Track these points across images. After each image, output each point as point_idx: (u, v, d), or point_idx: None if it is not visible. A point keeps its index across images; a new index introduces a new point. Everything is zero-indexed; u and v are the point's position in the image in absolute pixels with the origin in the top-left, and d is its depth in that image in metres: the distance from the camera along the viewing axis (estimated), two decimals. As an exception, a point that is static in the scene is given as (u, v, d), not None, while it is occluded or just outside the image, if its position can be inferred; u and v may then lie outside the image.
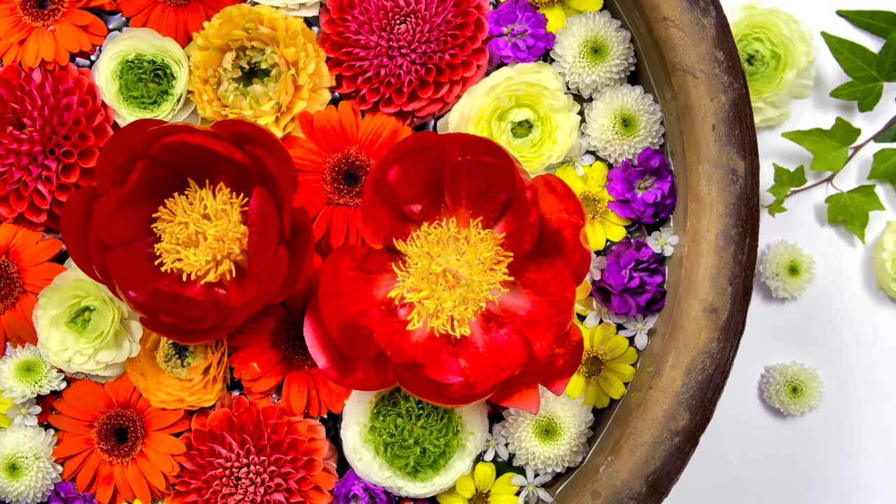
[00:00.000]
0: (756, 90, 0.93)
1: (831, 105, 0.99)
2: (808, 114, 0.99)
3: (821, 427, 0.98)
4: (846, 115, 0.98)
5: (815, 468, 0.98)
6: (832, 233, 0.99)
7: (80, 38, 0.79)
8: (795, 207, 0.99)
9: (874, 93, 0.96)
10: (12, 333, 0.79)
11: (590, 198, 0.79)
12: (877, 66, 0.95)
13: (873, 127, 0.98)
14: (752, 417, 0.98)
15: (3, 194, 0.77)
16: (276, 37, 0.77)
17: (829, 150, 0.96)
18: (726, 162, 0.71)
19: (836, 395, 0.98)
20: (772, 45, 0.92)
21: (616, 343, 0.79)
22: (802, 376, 0.96)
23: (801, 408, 0.96)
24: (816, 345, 0.98)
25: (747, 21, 0.93)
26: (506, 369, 0.72)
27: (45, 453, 0.78)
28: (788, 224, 0.99)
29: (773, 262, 0.97)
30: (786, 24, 0.92)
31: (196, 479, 0.77)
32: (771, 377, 0.97)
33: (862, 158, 0.99)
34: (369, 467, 0.76)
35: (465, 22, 0.78)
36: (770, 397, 0.97)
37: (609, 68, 0.78)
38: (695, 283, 0.72)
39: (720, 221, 0.71)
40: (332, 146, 0.77)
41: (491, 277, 0.72)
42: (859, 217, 0.97)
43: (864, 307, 0.99)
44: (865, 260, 0.99)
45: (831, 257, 0.99)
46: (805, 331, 0.99)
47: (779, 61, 0.92)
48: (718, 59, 0.72)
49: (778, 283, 0.97)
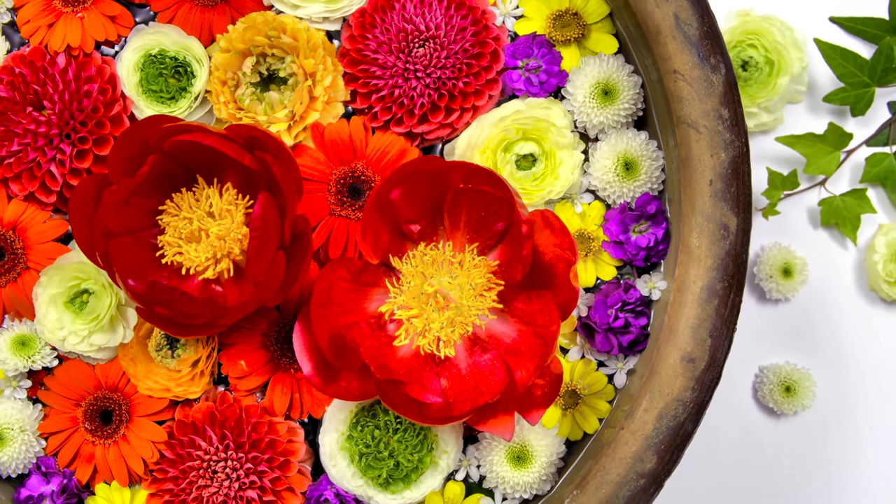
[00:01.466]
0: (750, 95, 0.95)
1: (824, 110, 1.01)
2: (802, 118, 1.01)
3: (813, 426, 1.00)
4: (839, 119, 1.00)
5: (807, 466, 1.00)
6: (825, 235, 1.01)
7: (107, 27, 0.81)
8: (789, 210, 1.01)
9: (866, 98, 0.97)
10: (11, 307, 0.81)
11: (585, 235, 0.81)
12: (868, 71, 0.97)
13: (865, 131, 1.00)
14: (746, 416, 1.00)
15: (17, 172, 0.79)
16: (297, 47, 0.78)
17: (821, 154, 0.97)
18: (719, 217, 0.73)
19: (829, 395, 1.00)
20: (766, 52, 0.94)
21: (595, 379, 0.80)
22: (796, 376, 0.98)
23: (795, 407, 0.98)
24: (809, 345, 1.00)
25: (742, 28, 0.95)
26: (485, 394, 0.74)
27: (31, 427, 0.80)
28: (782, 227, 1.00)
29: (767, 264, 0.98)
30: (779, 30, 0.94)
31: (174, 468, 0.79)
32: (765, 377, 0.99)
33: (854, 162, 1.01)
34: (343, 474, 0.78)
35: (482, 52, 0.80)
36: (764, 397, 0.99)
37: (617, 111, 0.80)
38: (676, 331, 0.74)
39: (707, 274, 0.73)
40: (340, 159, 0.79)
41: (480, 303, 0.74)
42: (851, 220, 0.99)
43: (857, 308, 1.01)
44: (857, 262, 1.01)
45: (824, 259, 1.01)
46: (798, 331, 1.00)
47: (772, 67, 0.94)
48: (723, 117, 0.73)
49: (771, 285, 0.98)
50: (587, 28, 0.81)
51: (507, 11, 0.81)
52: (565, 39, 0.81)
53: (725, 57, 0.75)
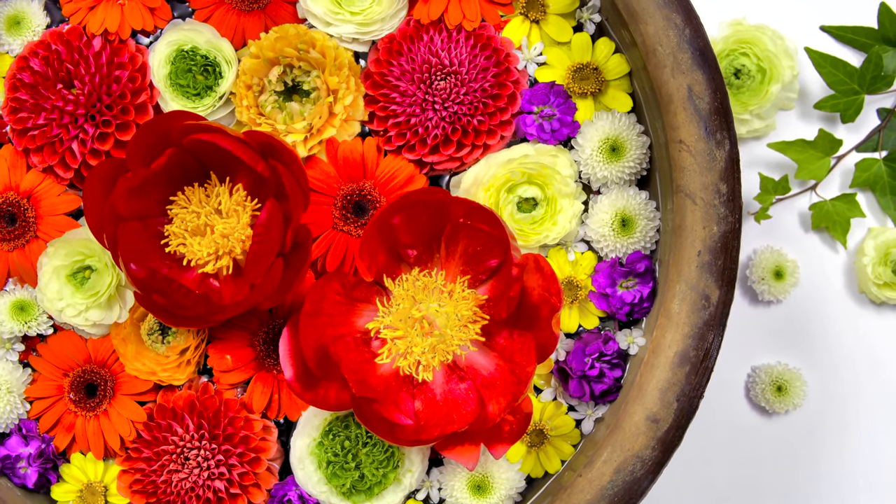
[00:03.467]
0: (742, 102, 0.97)
1: (815, 117, 1.03)
2: (793, 125, 1.03)
3: (804, 425, 1.02)
4: (829, 126, 1.02)
5: (798, 464, 1.02)
6: (816, 239, 1.03)
7: (145, 17, 0.83)
8: (780, 214, 1.03)
9: (855, 105, 1.00)
10: (15, 272, 0.83)
11: (574, 283, 0.83)
12: (858, 79, 0.99)
13: (855, 137, 1.03)
14: (738, 415, 1.03)
15: (39, 145, 0.81)
16: (324, 63, 0.81)
17: (812, 159, 1.00)
18: (702, 288, 0.76)
19: (820, 394, 1.03)
20: (758, 60, 0.97)
21: (564, 422, 0.83)
22: (787, 376, 1.00)
23: (786, 406, 1.00)
24: (800, 346, 1.03)
25: (735, 37, 0.98)
26: (456, 422, 0.76)
27: (18, 389, 0.83)
28: (774, 230, 1.03)
29: (759, 267, 1.01)
30: (771, 39, 0.97)
31: (148, 449, 0.81)
32: (757, 377, 1.02)
33: (844, 168, 1.03)
34: (309, 478, 0.81)
35: (500, 94, 0.82)
36: (756, 396, 1.01)
37: (622, 168, 0.83)
38: (645, 391, 0.76)
39: (682, 341, 0.76)
40: (349, 176, 0.82)
41: (464, 334, 0.77)
42: (841, 224, 1.01)
43: (847, 310, 1.03)
44: (847, 265, 1.03)
45: (815, 262, 1.03)
46: (789, 332, 1.03)
47: (764, 75, 0.97)
48: (721, 192, 0.76)
49: (763, 287, 1.01)
50: (605, 84, 0.84)
51: (531, 57, 0.84)
52: (582, 92, 0.83)
53: (732, 133, 0.77)
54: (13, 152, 0.83)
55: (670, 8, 0.77)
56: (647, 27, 0.77)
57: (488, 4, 0.83)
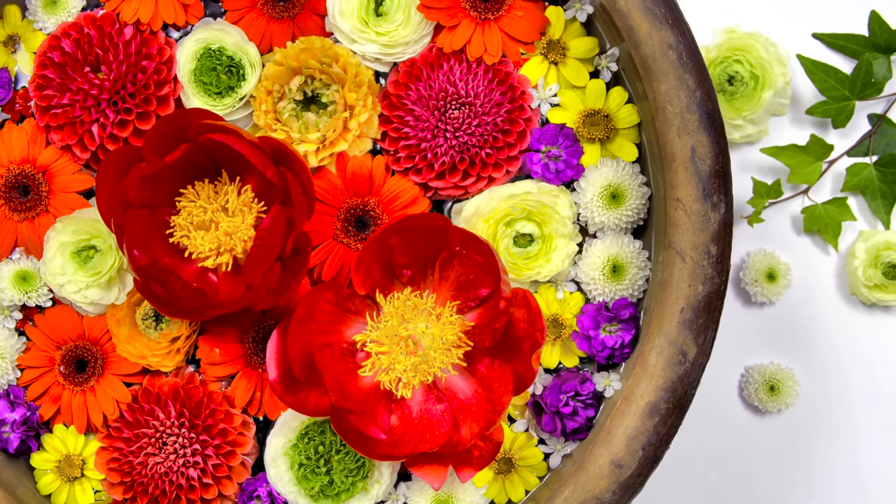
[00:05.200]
0: (736, 108, 1.00)
1: (807, 122, 1.06)
2: (785, 130, 1.06)
3: (796, 423, 1.05)
4: (820, 131, 1.05)
5: (790, 461, 1.05)
6: (808, 242, 1.06)
7: (177, 11, 0.86)
8: (773, 218, 1.05)
9: (846, 111, 1.02)
10: (23, 242, 0.86)
11: (559, 321, 0.85)
12: (849, 85, 1.02)
13: (846, 142, 1.05)
14: (732, 414, 1.05)
15: (61, 123, 0.84)
16: (345, 79, 0.83)
17: (804, 164, 1.02)
18: (680, 344, 0.78)
19: (811, 394, 1.05)
20: (751, 67, 0.99)
21: (533, 454, 0.85)
22: (779, 376, 1.03)
23: (778, 405, 1.03)
24: (793, 346, 1.05)
25: (728, 44, 1.01)
26: (428, 442, 0.79)
27: (11, 356, 0.85)
28: (766, 233, 1.05)
29: (752, 269, 1.03)
30: (764, 46, 1.00)
31: (129, 430, 0.84)
32: (750, 376, 1.04)
33: (835, 172, 1.05)
34: (280, 478, 0.83)
35: (511, 130, 0.84)
36: (749, 395, 1.04)
37: (620, 216, 0.85)
38: (613, 435, 0.78)
39: (655, 393, 0.78)
40: (355, 190, 0.84)
41: (447, 357, 0.79)
42: (833, 227, 1.03)
43: (838, 311, 1.06)
44: (839, 267, 1.06)
45: (807, 265, 1.06)
46: (782, 333, 1.05)
47: (757, 81, 1.00)
48: (710, 253, 0.78)
49: (757, 289, 1.03)
50: (614, 132, 0.86)
51: (545, 97, 0.86)
52: (591, 137, 0.85)
53: (729, 197, 0.79)
54: (35, 126, 0.86)
55: (685, 69, 0.79)
56: (659, 84, 0.79)
57: (511, 41, 0.85)
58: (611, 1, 0.81)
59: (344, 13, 0.84)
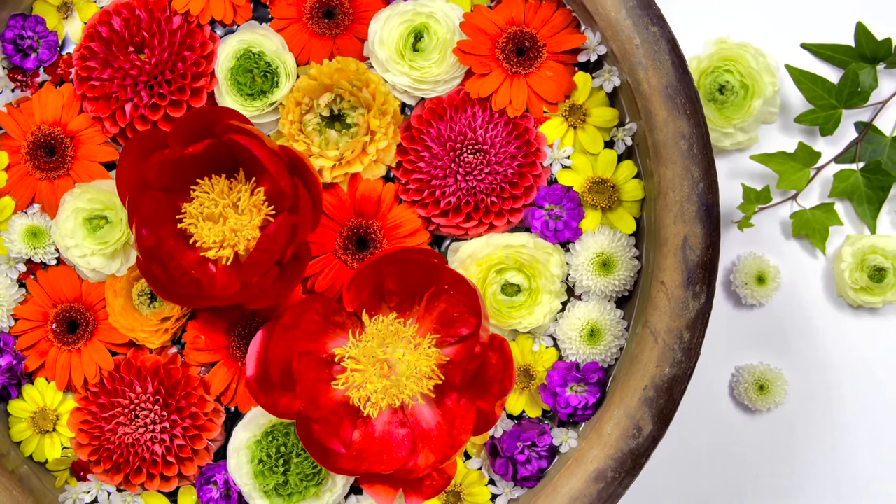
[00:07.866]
0: (727, 117, 1.03)
1: (795, 130, 1.09)
2: (774, 138, 1.09)
3: (785, 422, 1.08)
4: (808, 139, 1.08)
5: (779, 458, 1.08)
6: (796, 246, 1.09)
7: (227, 10, 0.89)
8: (762, 223, 1.08)
9: (834, 119, 1.05)
10: (40, 199, 0.90)
11: (530, 372, 0.89)
12: (836, 94, 1.04)
13: (833, 150, 1.08)
14: (722, 413, 1.08)
15: (97, 96, 0.87)
16: (372, 105, 0.87)
17: (793, 170, 1.05)
18: (637, 420, 0.81)
19: (800, 393, 1.08)
20: (741, 76, 1.03)
21: (481, 492, 0.89)
22: (769, 375, 1.06)
23: (768, 404, 1.06)
24: (781, 347, 1.08)
25: (719, 54, 1.04)
26: (384, 463, 0.82)
27: (8, 305, 0.89)
28: (756, 238, 1.08)
29: (743, 272, 1.06)
30: (753, 57, 1.03)
31: (105, 397, 0.87)
32: (740, 376, 1.07)
33: (823, 178, 1.08)
34: (238, 469, 0.87)
35: (520, 183, 0.88)
36: (739, 394, 1.07)
37: (607, 284, 0.88)
38: (559, 493, 0.82)
39: (605, 461, 0.81)
40: (362, 211, 0.88)
41: (417, 386, 0.82)
42: (820, 231, 1.06)
43: (825, 313, 1.08)
44: (826, 270, 1.09)
45: (795, 268, 1.08)
46: (771, 334, 1.08)
47: (747, 91, 1.03)
48: (682, 339, 0.81)
49: (746, 291, 1.06)
50: (617, 202, 0.89)
51: (558, 157, 0.89)
52: (594, 203, 0.89)
53: (711, 289, 0.82)
54: (72, 93, 0.89)
55: (693, 160, 0.82)
56: (666, 170, 0.83)
57: (536, 98, 0.88)
58: (636, 81, 0.84)
59: (383, 42, 0.87)
